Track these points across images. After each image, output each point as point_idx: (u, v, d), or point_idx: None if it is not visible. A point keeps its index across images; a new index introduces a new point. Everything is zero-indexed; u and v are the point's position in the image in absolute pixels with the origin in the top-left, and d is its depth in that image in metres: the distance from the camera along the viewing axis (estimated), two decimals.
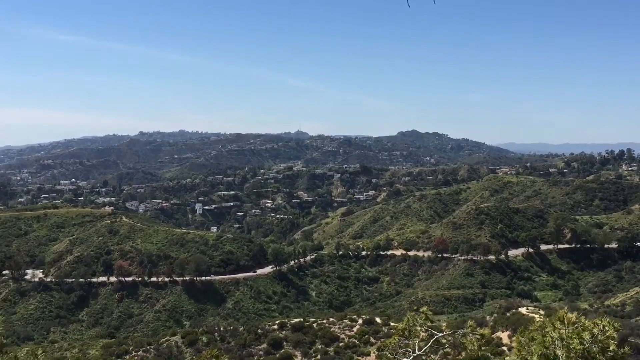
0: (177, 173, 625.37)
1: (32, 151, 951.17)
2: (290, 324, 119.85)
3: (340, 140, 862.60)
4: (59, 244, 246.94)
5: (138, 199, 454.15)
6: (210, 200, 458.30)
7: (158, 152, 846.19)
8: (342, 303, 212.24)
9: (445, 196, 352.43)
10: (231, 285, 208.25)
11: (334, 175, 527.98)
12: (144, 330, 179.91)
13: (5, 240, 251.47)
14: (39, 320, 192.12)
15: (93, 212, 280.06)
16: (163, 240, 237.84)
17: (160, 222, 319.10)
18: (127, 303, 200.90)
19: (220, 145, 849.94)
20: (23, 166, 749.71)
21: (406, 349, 15.26)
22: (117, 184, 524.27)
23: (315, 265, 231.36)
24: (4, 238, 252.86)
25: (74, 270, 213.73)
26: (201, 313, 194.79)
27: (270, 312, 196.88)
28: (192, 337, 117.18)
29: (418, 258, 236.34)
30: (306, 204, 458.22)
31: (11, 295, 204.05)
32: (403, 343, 15.53)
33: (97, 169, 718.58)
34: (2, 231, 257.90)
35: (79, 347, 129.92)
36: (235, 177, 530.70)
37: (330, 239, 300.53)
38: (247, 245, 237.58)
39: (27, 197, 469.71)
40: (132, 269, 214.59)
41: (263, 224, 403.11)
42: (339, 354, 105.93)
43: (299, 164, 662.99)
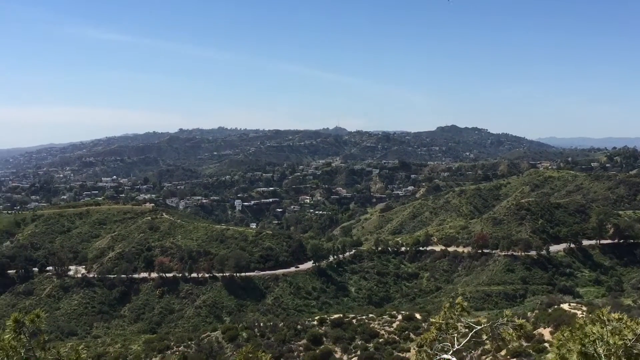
0: (216, 170, 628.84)
1: (75, 149, 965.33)
2: (329, 319, 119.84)
3: (379, 135, 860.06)
4: (101, 240, 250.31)
5: (178, 195, 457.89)
6: (249, 197, 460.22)
7: (197, 149, 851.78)
8: (381, 299, 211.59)
9: (485, 191, 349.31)
10: (271, 281, 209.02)
11: (372, 171, 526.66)
12: (184, 326, 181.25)
13: (48, 236, 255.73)
14: (82, 316, 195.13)
15: (134, 209, 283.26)
16: (203, 236, 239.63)
17: (200, 219, 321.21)
18: (168, 299, 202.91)
19: (259, 141, 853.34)
20: (66, 164, 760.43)
21: (444, 343, 15.13)
22: (157, 181, 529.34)
23: (354, 261, 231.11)
24: (47, 235, 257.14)
25: (115, 266, 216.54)
26: (241, 309, 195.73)
27: (310, 308, 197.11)
28: (232, 333, 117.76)
29: (458, 254, 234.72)
30: (345, 200, 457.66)
31: (55, 291, 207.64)
32: (441, 337, 15.40)
33: (137, 166, 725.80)
34: (45, 228, 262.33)
35: (122, 343, 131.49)
36: (274, 173, 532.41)
37: (369, 235, 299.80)
38: (287, 241, 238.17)
39: (70, 194, 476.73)
40: (173, 265, 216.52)
41: (302, 220, 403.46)
42: (379, 350, 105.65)
43: (337, 159, 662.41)
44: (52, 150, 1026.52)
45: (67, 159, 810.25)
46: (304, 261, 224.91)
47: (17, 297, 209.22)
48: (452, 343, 15.07)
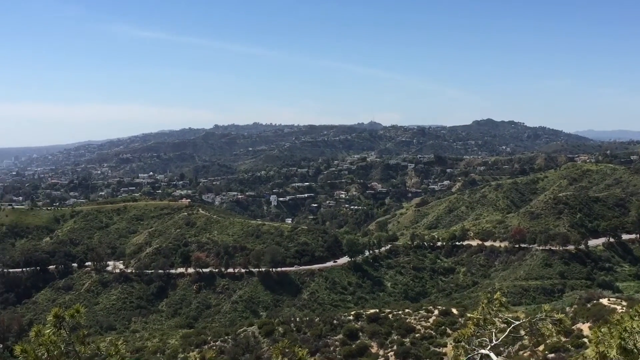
0: (251, 165, 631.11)
1: (112, 145, 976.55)
2: (365, 314, 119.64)
3: (414, 130, 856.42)
4: (139, 236, 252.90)
5: (214, 191, 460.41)
6: (284, 192, 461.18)
7: (233, 145, 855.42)
8: (417, 294, 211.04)
9: (522, 185, 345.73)
10: (306, 276, 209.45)
11: (408, 166, 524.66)
12: (221, 321, 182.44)
13: (87, 232, 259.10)
14: (121, 311, 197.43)
15: (171, 205, 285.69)
16: (239, 231, 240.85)
17: (235, 214, 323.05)
18: (205, 294, 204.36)
19: (294, 137, 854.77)
20: (103, 160, 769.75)
21: (482, 338, 15.01)
22: (193, 177, 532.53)
23: (390, 256, 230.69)
24: (86, 230, 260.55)
25: (153, 261, 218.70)
26: (277, 304, 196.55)
27: (346, 302, 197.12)
28: (268, 328, 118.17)
29: (495, 248, 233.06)
30: (380, 195, 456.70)
31: (94, 286, 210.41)
32: (479, 333, 15.28)
33: (173, 162, 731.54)
34: (84, 224, 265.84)
35: (159, 337, 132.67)
36: (309, 168, 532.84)
37: (405, 230, 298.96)
38: (322, 236, 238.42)
39: (108, 190, 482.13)
40: (209, 260, 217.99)
41: (337, 215, 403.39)
42: (415, 345, 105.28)
43: (372, 154, 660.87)
44: (90, 147, 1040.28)
45: (104, 156, 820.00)
46: (340, 256, 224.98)
47: (57, 292, 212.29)
48: (490, 339, 14.95)
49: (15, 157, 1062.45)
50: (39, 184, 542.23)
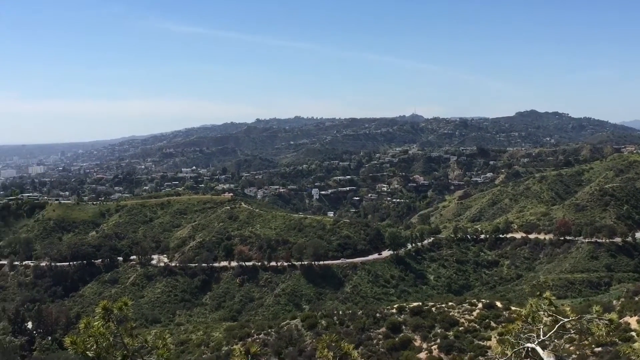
0: (293, 159, 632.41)
1: (155, 140, 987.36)
2: (408, 307, 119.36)
3: (456, 122, 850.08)
4: (182, 229, 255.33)
5: (256, 185, 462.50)
6: (326, 186, 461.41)
7: (274, 139, 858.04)
8: (460, 287, 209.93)
9: (567, 177, 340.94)
10: (349, 269, 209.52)
11: (450, 158, 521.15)
12: (264, 314, 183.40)
13: (132, 226, 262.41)
14: (165, 304, 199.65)
15: (213, 199, 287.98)
16: (281, 225, 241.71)
17: (278, 208, 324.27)
18: (248, 287, 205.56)
19: (335, 130, 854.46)
20: (147, 155, 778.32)
21: (530, 334, 14.84)
22: (235, 171, 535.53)
23: (432, 249, 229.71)
24: (131, 225, 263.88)
25: (196, 255, 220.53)
26: (320, 297, 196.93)
27: (389, 296, 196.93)
28: (311, 321, 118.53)
29: (539, 241, 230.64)
30: (422, 188, 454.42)
31: (139, 280, 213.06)
32: (526, 329, 15.11)
33: (216, 157, 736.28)
34: (129, 218, 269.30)
35: (203, 330, 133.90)
36: (351, 161, 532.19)
37: (447, 223, 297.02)
38: (364, 229, 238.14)
39: (151, 185, 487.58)
40: (252, 253, 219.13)
41: (379, 208, 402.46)
42: (459, 338, 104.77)
43: (414, 147, 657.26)
44: (133, 142, 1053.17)
45: (148, 151, 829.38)
46: (382, 249, 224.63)
47: (103, 285, 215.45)
48: (538, 334, 14.78)
49: (61, 153, 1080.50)
50: (85, 179, 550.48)
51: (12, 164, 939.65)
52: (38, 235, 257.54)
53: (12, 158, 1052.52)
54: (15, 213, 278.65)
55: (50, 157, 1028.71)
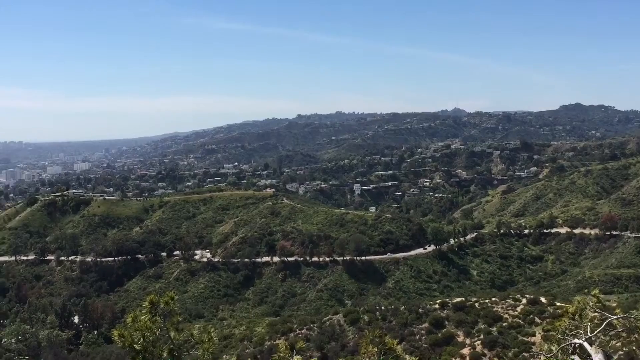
0: (334, 154, 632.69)
1: (198, 137, 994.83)
2: (451, 303, 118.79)
3: (499, 116, 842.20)
4: (225, 225, 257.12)
5: (298, 180, 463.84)
6: (368, 181, 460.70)
7: (316, 134, 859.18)
8: (504, 282, 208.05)
9: (613, 171, 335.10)
10: (391, 264, 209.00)
11: (493, 153, 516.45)
12: (307, 309, 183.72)
13: (175, 222, 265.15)
14: (209, 299, 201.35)
15: (255, 195, 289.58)
16: (323, 220, 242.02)
17: (319, 203, 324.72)
18: (290, 282, 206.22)
19: (377, 125, 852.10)
20: (189, 151, 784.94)
21: (577, 331, 14.66)
22: (277, 167, 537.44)
23: (475, 244, 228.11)
24: (174, 220, 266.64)
25: (239, 250, 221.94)
26: (362, 292, 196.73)
27: (431, 291, 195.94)
28: (354, 316, 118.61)
29: (584, 236, 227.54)
30: (465, 182, 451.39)
31: (183, 275, 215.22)
32: (573, 325, 14.93)
33: (257, 152, 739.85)
34: (172, 214, 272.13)
35: (246, 325, 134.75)
36: (393, 156, 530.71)
37: (490, 218, 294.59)
38: (406, 224, 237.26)
39: (194, 181, 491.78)
40: (294, 249, 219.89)
41: (421, 203, 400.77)
42: (503, 334, 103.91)
43: (456, 142, 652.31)
44: (176, 138, 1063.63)
45: (190, 147, 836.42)
46: (424, 244, 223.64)
47: (147, 280, 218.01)
48: (585, 331, 14.60)
49: (106, 150, 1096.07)
50: (129, 175, 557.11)
51: (58, 160, 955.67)
52: (83, 231, 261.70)
53: (58, 155, 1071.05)
54: (61, 209, 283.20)
55: (94, 154, 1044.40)
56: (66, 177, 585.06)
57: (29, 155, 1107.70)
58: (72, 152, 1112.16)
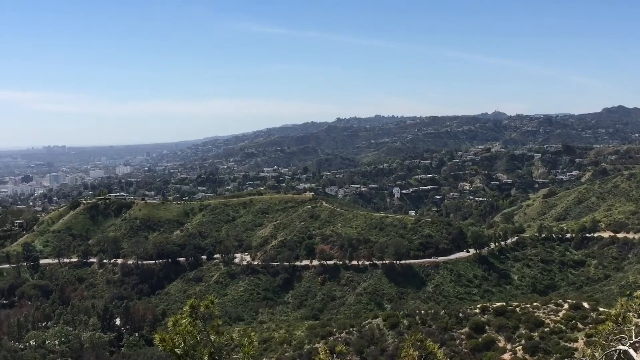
0: (374, 158, 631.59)
1: (237, 140, 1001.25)
2: (492, 308, 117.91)
3: (540, 119, 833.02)
4: (264, 228, 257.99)
5: (337, 184, 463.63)
6: (407, 184, 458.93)
7: (355, 138, 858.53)
8: (546, 287, 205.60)
9: None
10: (431, 268, 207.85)
11: (534, 156, 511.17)
12: (346, 313, 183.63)
13: (215, 225, 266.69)
14: (248, 302, 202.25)
15: (295, 198, 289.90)
16: (362, 224, 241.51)
17: (358, 207, 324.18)
18: (330, 286, 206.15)
19: (416, 128, 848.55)
20: (229, 155, 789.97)
21: (621, 335, 14.41)
22: (316, 170, 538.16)
23: (516, 249, 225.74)
24: (214, 224, 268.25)
25: (278, 254, 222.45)
26: (401, 296, 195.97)
27: (471, 295, 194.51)
28: (393, 320, 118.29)
29: (628, 240, 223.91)
30: (505, 186, 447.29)
31: (222, 278, 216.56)
32: (617, 330, 14.68)
33: (297, 156, 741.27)
34: (212, 217, 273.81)
35: (286, 328, 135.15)
36: (432, 160, 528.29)
37: (531, 222, 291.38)
38: (446, 228, 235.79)
39: (234, 184, 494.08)
40: (334, 252, 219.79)
41: (461, 207, 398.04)
42: (544, 339, 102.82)
43: (497, 145, 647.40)
44: (216, 142, 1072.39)
45: (230, 151, 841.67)
46: (464, 248, 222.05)
47: (188, 283, 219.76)
48: (630, 336, 14.34)
49: (147, 154, 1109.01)
50: (169, 179, 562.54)
51: (100, 164, 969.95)
52: (125, 234, 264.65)
53: (101, 159, 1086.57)
54: (103, 212, 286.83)
55: (136, 158, 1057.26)
56: (108, 181, 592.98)
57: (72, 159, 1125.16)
58: (114, 156, 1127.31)
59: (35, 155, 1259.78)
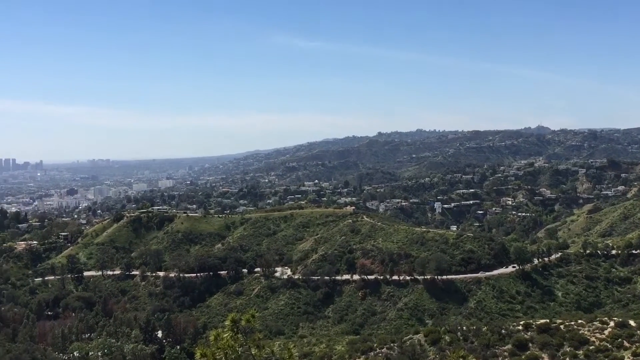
0: (415, 172, 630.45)
1: (279, 154, 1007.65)
2: (535, 325, 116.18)
3: (585, 133, 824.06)
4: (305, 242, 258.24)
5: (378, 198, 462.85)
6: (449, 199, 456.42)
7: (396, 152, 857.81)
8: (590, 304, 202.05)
9: None
10: (472, 284, 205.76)
11: (578, 171, 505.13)
12: (387, 328, 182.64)
13: (256, 239, 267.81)
14: (289, 316, 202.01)
15: (335, 212, 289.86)
16: (403, 238, 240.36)
17: (399, 221, 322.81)
18: (370, 301, 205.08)
19: (458, 143, 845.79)
20: (270, 169, 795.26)
21: None
22: (357, 184, 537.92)
23: (560, 265, 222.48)
24: (255, 237, 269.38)
25: (319, 268, 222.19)
26: (443, 312, 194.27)
27: (514, 312, 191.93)
28: (434, 336, 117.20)
29: None
30: (549, 201, 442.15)
31: (263, 292, 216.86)
32: None
33: (338, 170, 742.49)
34: (253, 231, 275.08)
35: (326, 343, 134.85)
36: (474, 174, 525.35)
37: (576, 238, 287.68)
38: (488, 243, 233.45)
39: (275, 198, 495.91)
40: (374, 267, 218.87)
41: (504, 222, 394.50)
42: (589, 357, 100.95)
43: (540, 160, 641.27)
44: (257, 156, 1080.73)
45: (271, 165, 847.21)
46: (507, 264, 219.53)
47: (229, 296, 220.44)
48: None
49: (189, 167, 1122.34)
50: (211, 193, 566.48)
51: (143, 178, 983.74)
52: (167, 247, 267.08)
53: (144, 172, 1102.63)
54: (146, 225, 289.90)
55: (178, 171, 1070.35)
56: (151, 194, 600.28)
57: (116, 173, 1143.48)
58: (157, 170, 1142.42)
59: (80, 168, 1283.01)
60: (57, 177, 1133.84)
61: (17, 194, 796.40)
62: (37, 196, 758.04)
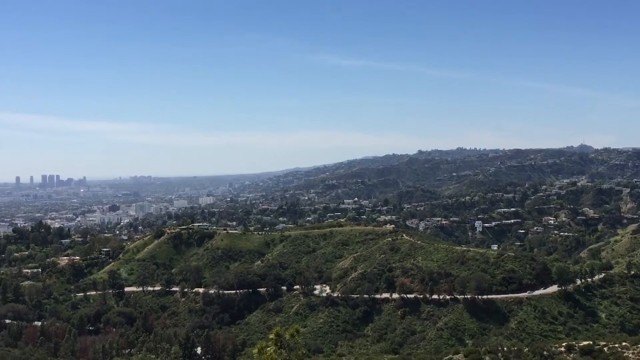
0: (455, 190, 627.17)
1: (318, 172, 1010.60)
2: (578, 346, 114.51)
3: (629, 152, 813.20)
4: (344, 260, 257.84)
5: (418, 216, 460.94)
6: (489, 218, 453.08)
7: (436, 170, 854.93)
8: (635, 326, 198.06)
9: None
10: (514, 304, 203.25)
11: (622, 190, 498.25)
12: (426, 347, 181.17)
13: (295, 256, 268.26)
14: (328, 334, 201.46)
15: (375, 230, 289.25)
16: (443, 257, 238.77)
17: (440, 240, 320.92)
18: (410, 319, 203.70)
19: (499, 161, 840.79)
20: (310, 186, 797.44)
21: None
22: (397, 202, 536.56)
23: (604, 286, 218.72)
24: (294, 255, 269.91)
25: (358, 286, 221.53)
26: (483, 332, 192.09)
27: (556, 333, 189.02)
28: (475, 356, 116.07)
29: None
30: (592, 221, 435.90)
31: (302, 309, 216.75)
32: None
33: (377, 188, 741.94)
34: (292, 248, 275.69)
35: None
36: (515, 193, 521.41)
37: (620, 258, 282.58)
38: (530, 263, 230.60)
39: (314, 215, 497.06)
40: (414, 286, 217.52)
41: (546, 241, 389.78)
42: None
43: (583, 179, 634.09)
44: (297, 174, 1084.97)
45: (311, 182, 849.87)
46: (549, 284, 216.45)
47: (268, 314, 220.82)
48: None
49: (229, 184, 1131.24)
50: (251, 210, 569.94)
51: (184, 194, 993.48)
52: (207, 264, 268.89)
53: (184, 189, 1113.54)
54: (186, 242, 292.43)
55: (219, 188, 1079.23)
56: (191, 211, 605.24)
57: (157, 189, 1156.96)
58: (198, 187, 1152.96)
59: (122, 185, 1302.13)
60: (99, 193, 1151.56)
61: (61, 210, 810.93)
62: (80, 212, 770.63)
